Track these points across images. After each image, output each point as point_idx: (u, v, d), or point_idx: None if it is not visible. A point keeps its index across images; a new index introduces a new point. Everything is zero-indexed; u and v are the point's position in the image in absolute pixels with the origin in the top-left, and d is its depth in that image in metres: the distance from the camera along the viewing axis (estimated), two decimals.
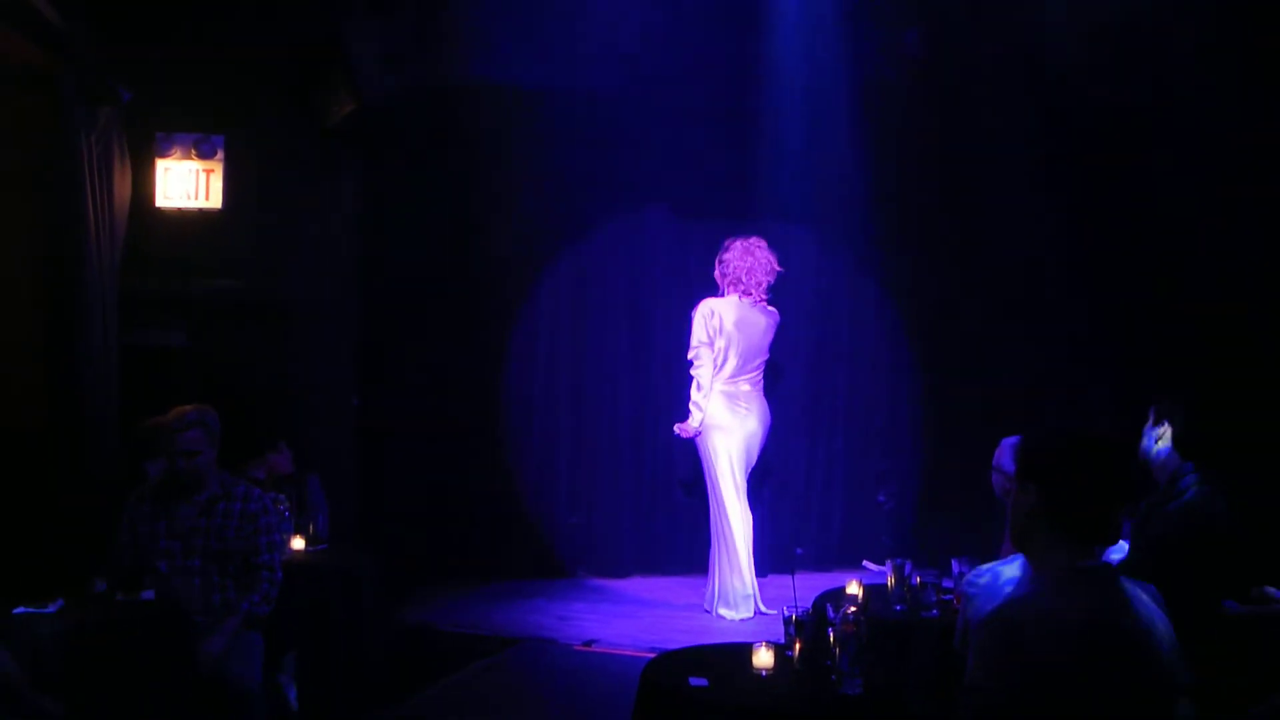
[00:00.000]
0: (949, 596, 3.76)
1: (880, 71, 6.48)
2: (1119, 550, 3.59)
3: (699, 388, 5.65)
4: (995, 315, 6.69)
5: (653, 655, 3.57)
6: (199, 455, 3.71)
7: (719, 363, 5.65)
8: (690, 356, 5.68)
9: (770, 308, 5.79)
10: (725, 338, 5.64)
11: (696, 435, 5.69)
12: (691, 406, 5.66)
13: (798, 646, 3.12)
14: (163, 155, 6.04)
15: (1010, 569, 2.28)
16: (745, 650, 3.16)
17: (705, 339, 5.64)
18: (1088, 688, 1.82)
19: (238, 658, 3.60)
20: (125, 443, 4.92)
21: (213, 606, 3.66)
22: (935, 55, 6.41)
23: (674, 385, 6.47)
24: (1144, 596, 2.00)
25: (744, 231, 5.85)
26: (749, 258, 5.68)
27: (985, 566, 2.44)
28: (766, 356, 5.80)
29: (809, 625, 3.13)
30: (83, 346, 5.30)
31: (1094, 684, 1.83)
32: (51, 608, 3.46)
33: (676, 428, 5.78)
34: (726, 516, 5.62)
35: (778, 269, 5.76)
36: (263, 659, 3.75)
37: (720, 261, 5.76)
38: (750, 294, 5.69)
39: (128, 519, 3.72)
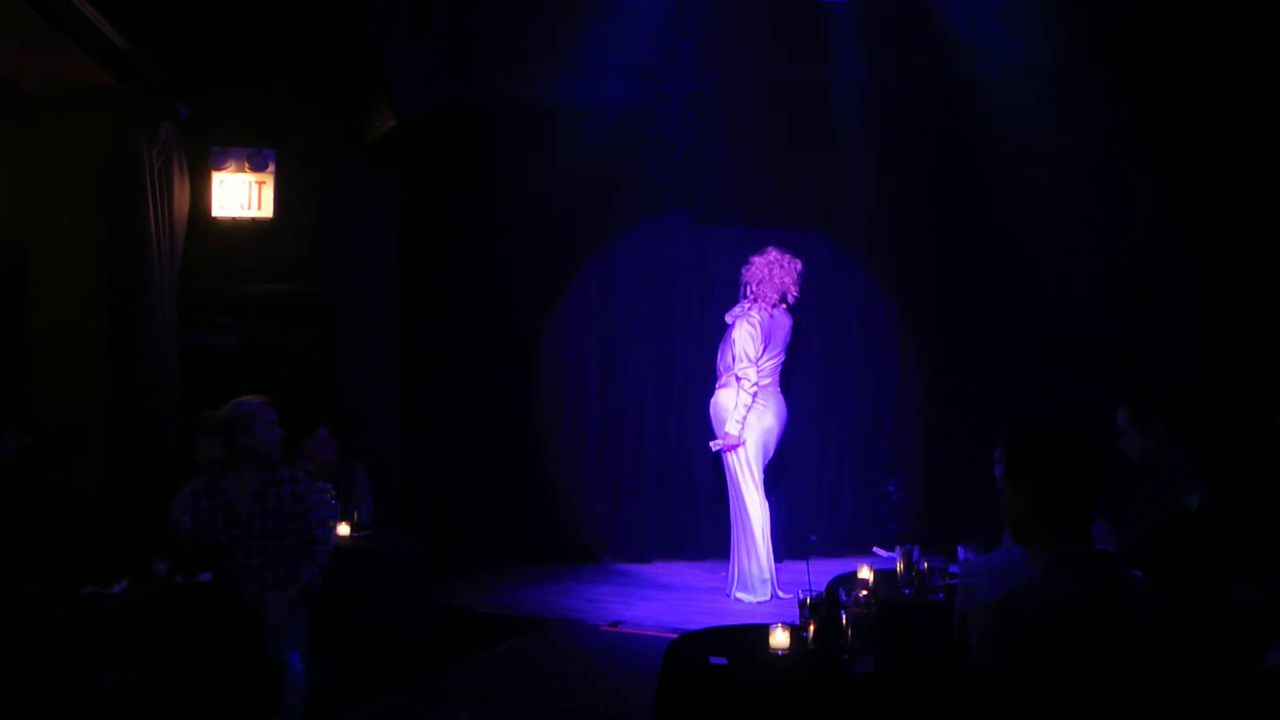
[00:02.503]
0: (955, 581, 3.74)
1: (890, 87, 6.42)
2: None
3: (752, 399, 5.54)
4: (999, 315, 6.62)
5: (675, 635, 3.57)
6: (279, 433, 3.76)
7: None
8: (744, 371, 5.54)
9: (787, 311, 5.76)
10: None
11: (740, 445, 5.57)
12: (739, 419, 5.51)
13: (812, 628, 3.11)
14: (218, 168, 6.11)
15: (1002, 559, 2.27)
16: (762, 631, 3.16)
17: (752, 356, 5.55)
18: (1078, 664, 1.84)
19: (282, 636, 3.60)
20: (183, 434, 4.96)
21: (268, 584, 3.67)
22: (943, 71, 6.34)
23: (693, 382, 6.46)
24: (1134, 580, 2.00)
25: (761, 239, 5.83)
26: (772, 273, 5.63)
27: (979, 559, 2.43)
28: (784, 357, 5.76)
29: (823, 608, 3.12)
30: (144, 346, 5.35)
31: (1084, 660, 1.84)
32: (116, 588, 3.50)
33: (715, 445, 5.62)
34: (745, 505, 5.60)
35: (796, 294, 5.68)
36: (308, 637, 3.77)
37: (749, 264, 5.71)
38: (764, 304, 5.65)
39: (187, 505, 3.74)
